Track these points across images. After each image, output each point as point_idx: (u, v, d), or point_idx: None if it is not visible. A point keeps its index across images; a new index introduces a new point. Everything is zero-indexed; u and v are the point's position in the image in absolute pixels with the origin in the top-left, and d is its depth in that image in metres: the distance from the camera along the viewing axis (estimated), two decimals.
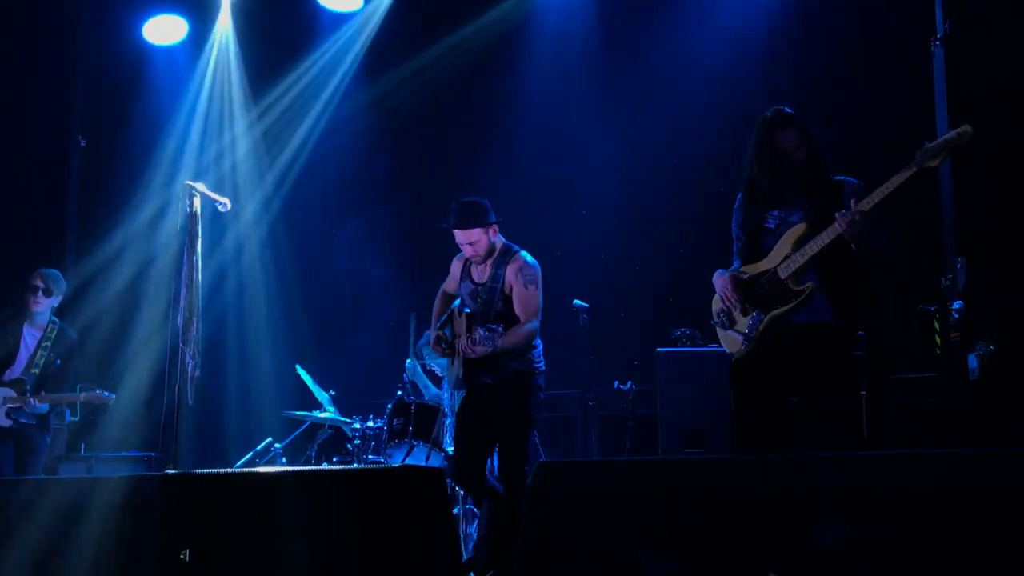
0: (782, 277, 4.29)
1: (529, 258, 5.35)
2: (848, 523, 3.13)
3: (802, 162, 4.32)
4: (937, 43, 6.31)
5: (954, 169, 6.22)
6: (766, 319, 4.32)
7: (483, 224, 5.28)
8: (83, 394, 6.67)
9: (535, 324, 5.24)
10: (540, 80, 8.54)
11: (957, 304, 5.92)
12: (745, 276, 4.43)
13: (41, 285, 6.64)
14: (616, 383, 7.20)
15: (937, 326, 5.97)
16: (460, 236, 5.32)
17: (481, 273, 5.38)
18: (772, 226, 4.39)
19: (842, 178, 4.37)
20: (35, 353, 6.59)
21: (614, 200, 8.18)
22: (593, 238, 8.24)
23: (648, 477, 3.58)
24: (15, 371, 6.55)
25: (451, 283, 5.63)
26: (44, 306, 6.67)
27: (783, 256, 4.31)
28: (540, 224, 8.12)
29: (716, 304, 4.54)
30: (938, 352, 5.94)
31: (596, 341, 7.14)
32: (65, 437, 7.55)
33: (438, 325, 5.56)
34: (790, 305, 4.27)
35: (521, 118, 8.53)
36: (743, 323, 4.39)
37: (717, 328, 4.55)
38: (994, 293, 6.06)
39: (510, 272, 5.27)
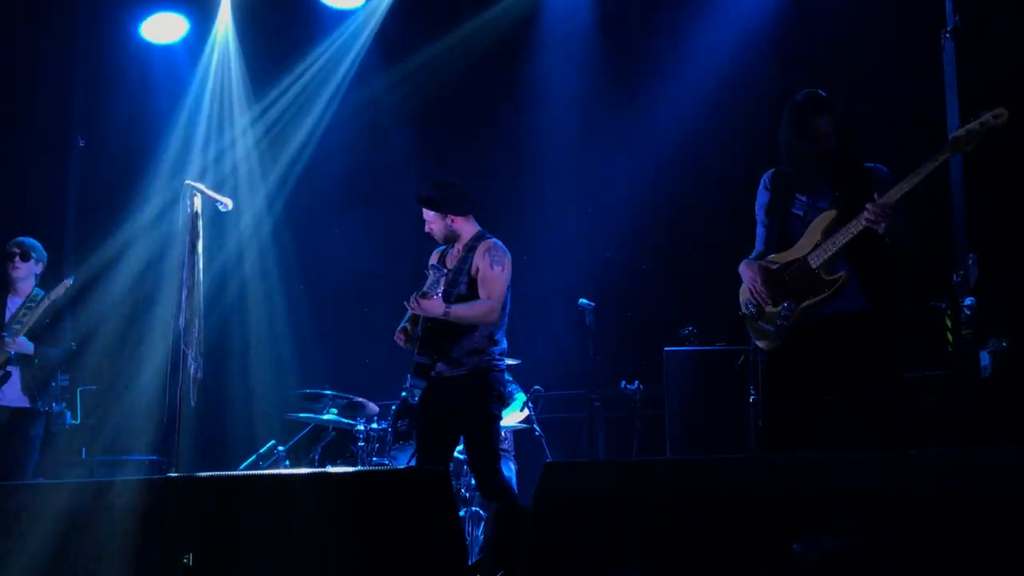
0: (813, 266, 4.22)
1: (499, 243, 5.33)
2: (856, 524, 3.08)
3: (834, 148, 4.25)
4: (947, 35, 6.24)
5: (964, 163, 6.14)
6: (798, 310, 4.24)
7: (439, 210, 5.30)
8: (46, 301, 6.33)
9: (495, 303, 5.16)
10: (546, 78, 8.49)
11: (969, 300, 5.85)
12: (774, 266, 4.34)
13: (16, 251, 6.51)
14: (623, 383, 7.13)
15: (949, 323, 5.91)
16: (424, 211, 5.39)
17: (453, 259, 5.38)
18: (800, 212, 4.32)
19: (872, 165, 4.30)
20: (17, 313, 6.41)
21: (621, 199, 8.11)
22: (599, 236, 8.17)
23: (655, 478, 3.54)
24: None
25: None
26: (24, 271, 6.52)
27: (813, 244, 4.24)
28: (546, 222, 8.08)
29: (744, 294, 4.44)
30: (950, 349, 5.88)
31: (602, 341, 7.11)
32: (62, 441, 7.48)
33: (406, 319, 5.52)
34: (823, 296, 4.19)
35: (527, 116, 8.48)
36: (774, 314, 4.30)
37: (746, 319, 4.45)
38: (1006, 289, 5.98)
39: (478, 253, 5.25)
